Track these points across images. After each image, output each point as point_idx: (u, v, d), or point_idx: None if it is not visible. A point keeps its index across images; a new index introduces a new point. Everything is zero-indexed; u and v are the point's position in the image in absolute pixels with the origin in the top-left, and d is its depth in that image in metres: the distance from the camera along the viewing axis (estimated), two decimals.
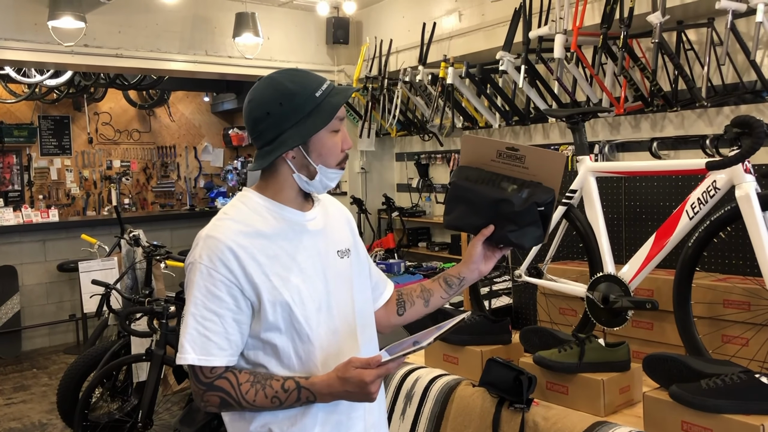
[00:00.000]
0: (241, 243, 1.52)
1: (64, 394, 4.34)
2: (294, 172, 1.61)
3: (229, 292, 1.51)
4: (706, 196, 2.31)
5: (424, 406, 2.53)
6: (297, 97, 1.54)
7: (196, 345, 1.49)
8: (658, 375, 2.14)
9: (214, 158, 10.01)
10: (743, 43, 3.57)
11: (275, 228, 1.59)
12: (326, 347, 1.60)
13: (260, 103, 1.57)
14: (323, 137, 1.58)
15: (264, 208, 1.61)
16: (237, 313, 1.52)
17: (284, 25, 6.18)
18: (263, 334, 1.54)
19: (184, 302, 3.60)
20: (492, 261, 1.83)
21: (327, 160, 1.61)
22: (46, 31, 4.92)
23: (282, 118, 1.55)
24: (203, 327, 1.50)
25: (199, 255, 1.52)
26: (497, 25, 4.88)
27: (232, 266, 1.50)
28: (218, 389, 1.50)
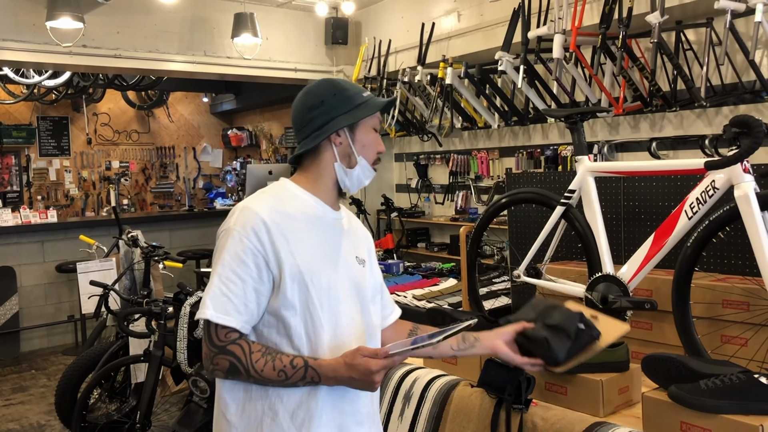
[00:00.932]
0: (274, 219, 1.62)
1: (62, 395, 4.33)
2: (336, 161, 1.72)
3: (255, 260, 1.58)
4: (704, 196, 2.30)
5: (423, 407, 2.52)
6: (348, 91, 1.72)
7: (217, 303, 1.56)
8: (657, 375, 2.13)
9: (213, 159, 10.01)
10: (742, 43, 3.57)
11: (307, 215, 1.69)
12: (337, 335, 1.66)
13: (316, 93, 1.72)
14: (367, 130, 1.74)
15: (298, 197, 1.71)
16: (258, 282, 1.59)
17: (283, 25, 6.18)
18: (280, 311, 1.61)
19: (182, 303, 3.58)
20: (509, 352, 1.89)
21: (368, 153, 1.74)
22: (44, 32, 4.91)
23: (335, 105, 1.70)
24: (226, 287, 1.57)
25: (234, 222, 1.62)
26: (496, 26, 4.88)
27: (262, 237, 1.59)
28: (230, 353, 1.56)
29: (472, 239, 3.27)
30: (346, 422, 1.69)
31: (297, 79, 6.45)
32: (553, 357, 1.86)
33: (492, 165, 5.59)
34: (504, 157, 5.46)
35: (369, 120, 1.74)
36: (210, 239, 7.55)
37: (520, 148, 5.24)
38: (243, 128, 9.87)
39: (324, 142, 1.71)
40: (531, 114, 4.88)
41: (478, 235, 3.23)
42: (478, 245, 3.24)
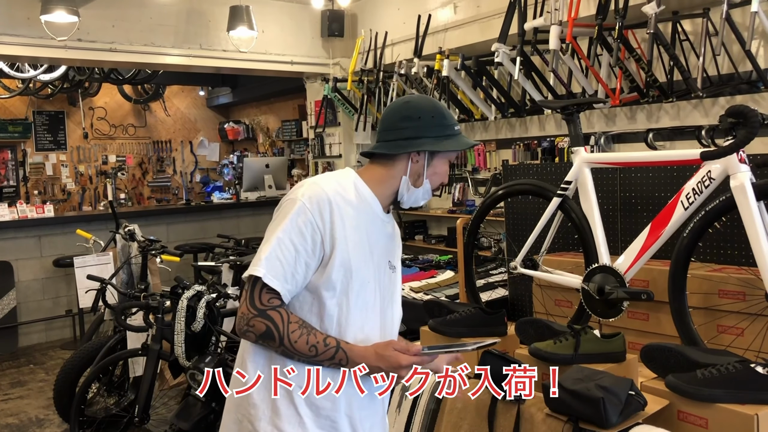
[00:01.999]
0: (337, 201, 1.67)
1: (60, 389, 4.33)
2: (405, 174, 1.76)
3: (312, 235, 1.63)
4: (701, 186, 2.30)
5: (420, 399, 2.53)
6: (445, 119, 1.77)
7: (270, 264, 1.60)
8: (655, 365, 2.15)
9: (210, 152, 10.00)
10: (738, 34, 3.56)
11: (363, 209, 1.73)
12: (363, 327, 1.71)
13: (417, 107, 1.76)
14: (443, 161, 1.79)
15: (359, 189, 1.75)
16: (310, 256, 1.63)
17: (279, 18, 6.15)
18: (320, 289, 1.65)
19: (179, 297, 3.57)
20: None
21: (434, 180, 1.80)
22: (39, 26, 4.89)
23: (428, 125, 1.74)
24: (281, 253, 1.61)
25: (302, 194, 1.66)
26: (492, 17, 4.86)
27: (324, 214, 1.64)
28: (269, 318, 1.60)
29: (469, 231, 3.27)
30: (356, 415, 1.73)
31: (293, 72, 6.43)
32: (606, 418, 1.88)
33: (489, 157, 5.59)
34: (501, 149, 5.46)
35: (450, 153, 1.80)
36: (207, 233, 7.55)
37: (517, 140, 5.24)
38: (240, 122, 9.86)
39: (403, 154, 1.75)
40: (528, 106, 4.87)
41: (475, 227, 3.24)
42: (475, 237, 3.25)
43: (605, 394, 1.88)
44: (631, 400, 1.93)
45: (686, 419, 1.96)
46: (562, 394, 1.99)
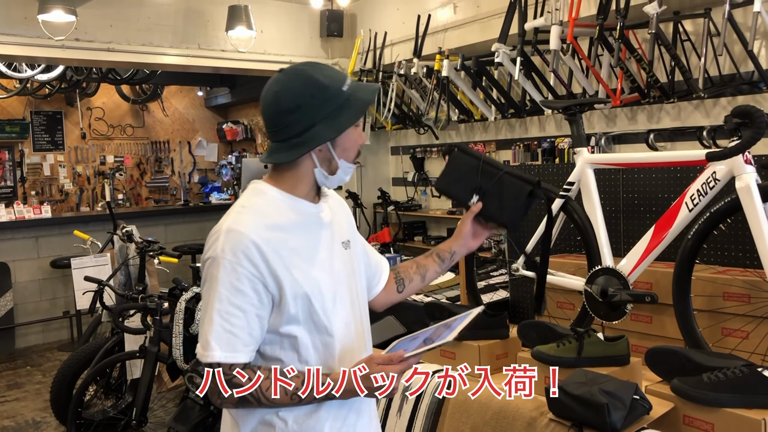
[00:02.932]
0: (264, 236, 1.51)
1: (57, 391, 4.31)
2: (316, 167, 1.61)
3: (252, 287, 1.49)
4: (705, 187, 2.28)
5: (421, 402, 2.50)
6: (328, 89, 1.53)
7: (223, 342, 1.48)
8: (660, 368, 2.12)
9: (209, 153, 9.96)
10: (740, 34, 3.54)
11: (292, 220, 1.59)
12: (342, 339, 1.62)
13: (290, 95, 1.53)
14: (350, 132, 1.60)
15: (280, 201, 1.60)
16: (259, 308, 1.51)
17: (277, 18, 6.13)
18: (282, 327, 1.55)
19: (177, 298, 3.56)
20: (480, 239, 1.97)
21: (349, 155, 1.63)
22: (36, 25, 4.85)
23: (314, 110, 1.53)
24: (229, 323, 1.48)
25: (222, 249, 1.50)
26: (492, 17, 4.84)
27: (256, 260, 1.49)
28: (236, 386, 1.49)
29: None
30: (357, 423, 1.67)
31: None
32: (611, 423, 1.85)
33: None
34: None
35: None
36: (205, 234, 7.46)
37: (517, 141, 5.22)
38: (238, 122, 9.83)
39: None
40: (528, 106, 4.85)
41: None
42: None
43: (609, 399, 1.86)
44: (636, 404, 1.90)
45: (692, 424, 1.94)
46: (565, 399, 1.96)
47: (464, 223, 1.95)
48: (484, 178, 1.98)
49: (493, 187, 1.96)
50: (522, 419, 2.15)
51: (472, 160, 2.04)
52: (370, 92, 1.61)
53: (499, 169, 2.00)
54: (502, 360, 2.61)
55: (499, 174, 1.97)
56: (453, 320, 1.61)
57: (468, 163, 2.04)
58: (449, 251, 1.95)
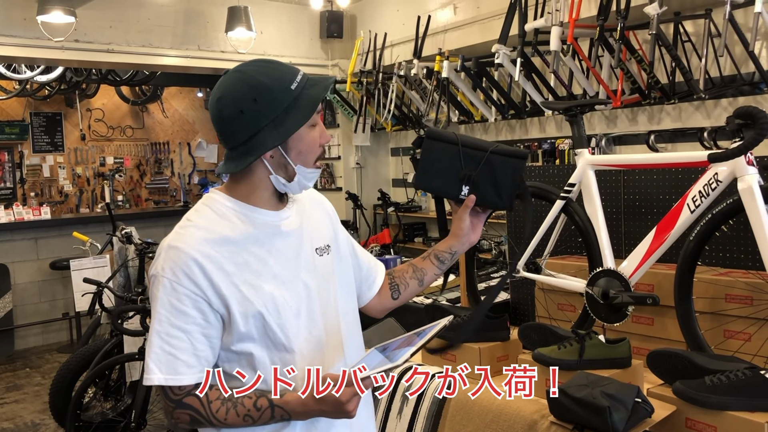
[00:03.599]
0: (206, 252, 1.43)
1: (56, 393, 4.30)
2: (271, 174, 1.51)
3: (195, 306, 1.42)
4: (707, 189, 2.27)
5: (422, 405, 2.49)
6: (272, 91, 1.43)
7: (162, 364, 1.41)
8: (662, 371, 2.11)
9: (208, 154, 9.95)
10: (741, 35, 3.53)
11: (244, 233, 1.49)
12: (308, 353, 1.53)
13: (232, 100, 1.44)
14: (302, 133, 1.48)
15: (232, 212, 1.51)
16: (205, 327, 1.44)
17: (277, 19, 6.12)
18: (235, 345, 1.47)
19: None
20: (479, 229, 1.83)
21: (306, 158, 1.52)
22: (35, 26, 4.85)
23: (257, 115, 1.43)
24: (169, 345, 1.41)
25: (162, 267, 1.44)
26: (492, 18, 4.83)
27: (197, 279, 1.42)
28: (187, 407, 1.43)
29: None
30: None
31: None
32: (612, 426, 1.83)
33: None
34: None
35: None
36: None
37: (518, 142, 5.20)
38: None
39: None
40: (528, 107, 4.84)
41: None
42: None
43: (611, 402, 1.84)
44: (638, 407, 1.89)
45: (694, 427, 1.92)
46: (566, 402, 1.95)
47: (461, 218, 1.78)
48: (469, 163, 1.78)
49: (482, 172, 1.77)
50: (523, 422, 2.13)
51: (449, 146, 1.81)
52: (321, 88, 1.48)
53: (483, 149, 1.79)
54: (502, 362, 2.60)
55: (484, 156, 1.78)
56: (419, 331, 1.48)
57: (446, 151, 1.81)
58: (449, 251, 1.81)
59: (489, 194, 1.78)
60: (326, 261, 1.63)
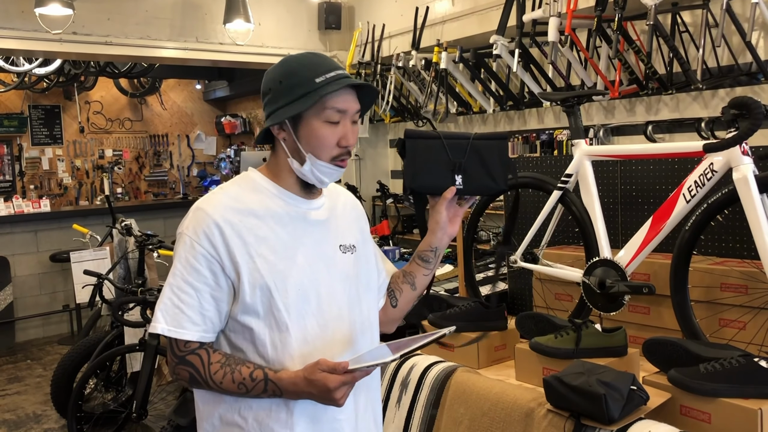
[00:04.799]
0: (229, 218, 1.50)
1: (57, 385, 4.32)
2: (288, 156, 1.58)
3: (209, 266, 1.49)
4: (703, 179, 2.28)
5: (420, 394, 2.51)
6: (296, 77, 1.53)
7: (168, 315, 1.48)
8: (658, 359, 2.13)
9: (207, 146, 9.95)
10: (739, 25, 3.53)
11: (270, 210, 1.56)
12: (311, 340, 1.54)
13: (268, 79, 1.59)
14: (314, 124, 1.54)
15: (264, 189, 1.59)
16: (215, 289, 1.50)
17: (275, 10, 6.11)
18: (240, 316, 1.52)
19: None
20: (457, 221, 1.79)
21: (317, 151, 1.55)
22: (33, 19, 4.84)
23: (278, 95, 1.55)
24: (178, 298, 1.49)
25: (186, 226, 1.52)
26: (490, 9, 4.83)
27: (215, 241, 1.49)
28: (188, 364, 1.49)
29: (469, 225, 3.25)
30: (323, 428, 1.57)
31: None
32: (608, 414, 1.85)
33: None
34: None
35: (317, 113, 1.53)
36: None
37: (516, 133, 5.21)
38: (236, 115, 9.81)
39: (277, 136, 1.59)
40: (526, 98, 4.84)
41: (474, 220, 3.22)
42: (475, 231, 3.23)
43: (607, 390, 1.87)
44: (633, 395, 1.91)
45: (689, 414, 1.95)
46: (563, 390, 1.97)
47: (437, 212, 1.75)
48: (455, 153, 1.77)
49: (470, 159, 1.77)
50: (520, 410, 2.16)
51: (431, 142, 1.79)
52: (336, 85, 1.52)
53: (465, 138, 1.79)
54: (500, 351, 2.63)
55: (468, 143, 1.78)
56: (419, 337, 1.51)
57: (430, 147, 1.79)
58: (429, 248, 1.79)
59: (482, 179, 1.78)
60: (348, 260, 1.65)
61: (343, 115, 1.55)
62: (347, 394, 1.45)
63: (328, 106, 1.53)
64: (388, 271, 1.86)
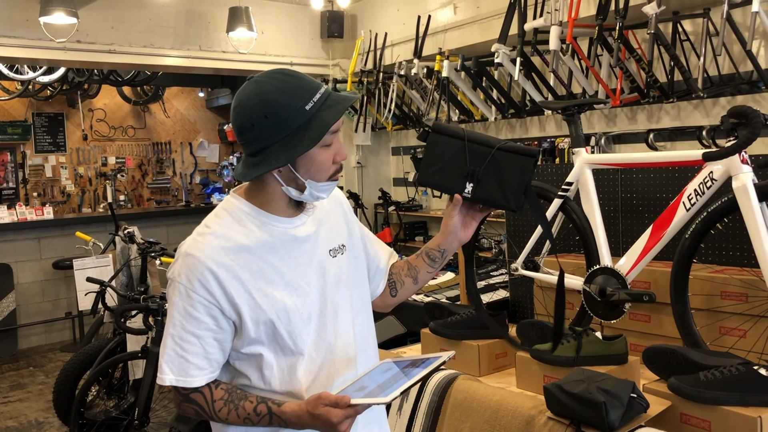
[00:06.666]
0: (221, 261, 1.46)
1: (60, 392, 4.33)
2: (282, 185, 1.52)
3: (208, 312, 1.47)
4: (702, 187, 2.29)
5: (421, 401, 2.51)
6: (284, 109, 1.43)
7: (174, 366, 1.48)
8: (658, 367, 2.13)
9: (210, 154, 9.98)
10: (739, 34, 3.55)
11: (260, 240, 1.52)
12: (316, 357, 1.56)
13: (246, 113, 1.46)
14: (313, 154, 1.48)
15: (249, 218, 1.53)
16: (217, 332, 1.49)
17: (278, 19, 6.15)
18: (245, 348, 1.52)
19: None
20: (471, 228, 1.74)
21: (316, 176, 1.51)
22: (37, 27, 4.88)
23: (268, 132, 1.44)
24: (181, 348, 1.48)
25: (178, 273, 1.48)
26: (492, 18, 4.86)
27: (210, 287, 1.45)
28: (193, 402, 1.51)
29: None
30: None
31: None
32: (608, 422, 1.85)
33: None
34: None
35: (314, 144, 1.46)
36: None
37: (518, 141, 5.23)
38: None
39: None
40: (528, 106, 4.86)
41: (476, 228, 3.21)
42: (476, 238, 3.23)
43: (607, 398, 1.87)
44: (633, 402, 1.92)
45: (689, 422, 1.95)
46: (563, 397, 1.97)
47: (449, 215, 1.71)
48: (475, 159, 1.69)
49: (488, 169, 1.68)
50: (520, 418, 2.16)
51: (454, 141, 1.73)
52: (336, 111, 1.46)
53: (490, 145, 1.70)
54: (501, 359, 2.63)
55: (491, 152, 1.69)
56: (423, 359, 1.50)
57: (451, 146, 1.74)
58: (438, 249, 1.77)
59: (493, 193, 1.68)
60: (340, 262, 1.65)
61: (335, 135, 1.52)
62: (351, 425, 1.45)
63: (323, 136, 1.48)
64: (381, 256, 1.84)
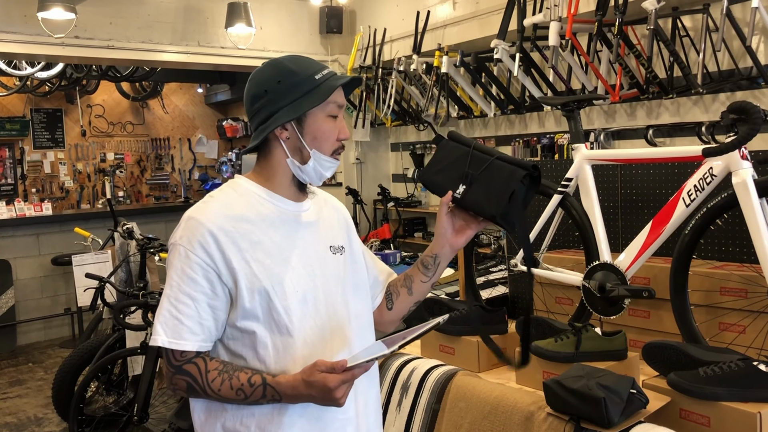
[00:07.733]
0: (223, 226, 1.50)
1: (59, 388, 4.33)
2: (288, 156, 1.58)
3: (205, 275, 1.48)
4: (702, 183, 2.29)
5: (421, 397, 2.52)
6: (296, 76, 1.55)
7: (168, 327, 1.48)
8: (657, 363, 2.14)
9: (209, 150, 9.97)
10: (739, 29, 3.55)
11: (262, 215, 1.56)
12: (311, 342, 1.55)
13: (260, 81, 1.57)
14: (319, 119, 1.57)
15: (253, 194, 1.58)
16: (212, 298, 1.49)
17: (277, 14, 6.14)
18: (240, 321, 1.51)
19: None
20: (465, 235, 1.74)
21: (321, 145, 1.58)
22: (36, 23, 4.87)
23: (279, 95, 1.54)
24: (176, 309, 1.48)
25: (180, 236, 1.51)
26: (491, 13, 4.85)
27: (210, 249, 1.48)
28: (186, 373, 1.48)
29: None
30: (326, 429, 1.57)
31: None
32: (608, 418, 1.85)
33: None
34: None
35: (322, 107, 1.56)
36: None
37: (517, 137, 5.23)
38: (238, 119, 9.84)
39: (271, 137, 1.57)
40: (527, 102, 4.86)
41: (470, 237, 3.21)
42: (476, 235, 3.22)
43: (607, 394, 1.87)
44: (633, 398, 1.92)
45: (688, 417, 1.95)
46: (563, 393, 1.97)
47: (438, 217, 1.73)
48: (474, 165, 1.75)
49: (483, 175, 1.72)
50: (520, 413, 2.16)
51: (461, 147, 1.80)
52: (341, 82, 1.57)
53: (491, 155, 1.76)
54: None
55: (490, 160, 1.74)
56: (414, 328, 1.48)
57: (457, 151, 1.80)
58: (430, 255, 1.76)
59: (479, 197, 1.70)
60: (339, 261, 1.66)
61: (340, 109, 1.62)
62: (347, 393, 1.44)
63: (331, 101, 1.57)
64: (381, 270, 1.85)
